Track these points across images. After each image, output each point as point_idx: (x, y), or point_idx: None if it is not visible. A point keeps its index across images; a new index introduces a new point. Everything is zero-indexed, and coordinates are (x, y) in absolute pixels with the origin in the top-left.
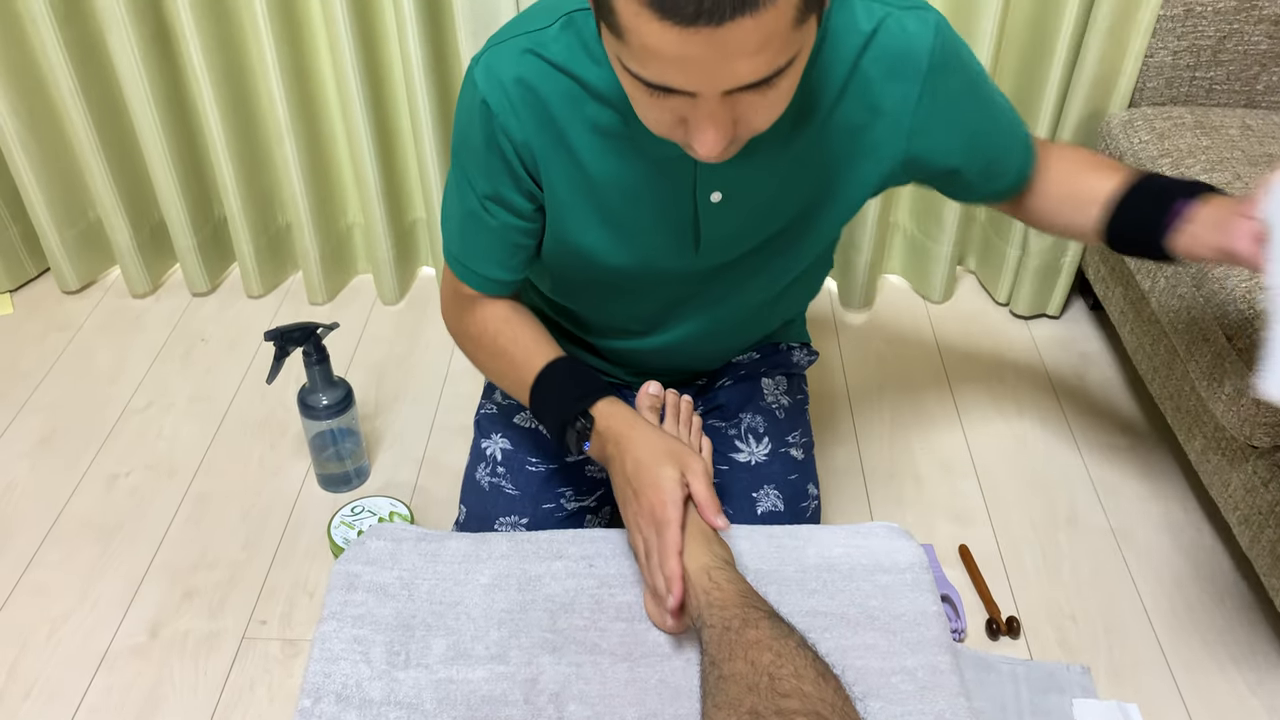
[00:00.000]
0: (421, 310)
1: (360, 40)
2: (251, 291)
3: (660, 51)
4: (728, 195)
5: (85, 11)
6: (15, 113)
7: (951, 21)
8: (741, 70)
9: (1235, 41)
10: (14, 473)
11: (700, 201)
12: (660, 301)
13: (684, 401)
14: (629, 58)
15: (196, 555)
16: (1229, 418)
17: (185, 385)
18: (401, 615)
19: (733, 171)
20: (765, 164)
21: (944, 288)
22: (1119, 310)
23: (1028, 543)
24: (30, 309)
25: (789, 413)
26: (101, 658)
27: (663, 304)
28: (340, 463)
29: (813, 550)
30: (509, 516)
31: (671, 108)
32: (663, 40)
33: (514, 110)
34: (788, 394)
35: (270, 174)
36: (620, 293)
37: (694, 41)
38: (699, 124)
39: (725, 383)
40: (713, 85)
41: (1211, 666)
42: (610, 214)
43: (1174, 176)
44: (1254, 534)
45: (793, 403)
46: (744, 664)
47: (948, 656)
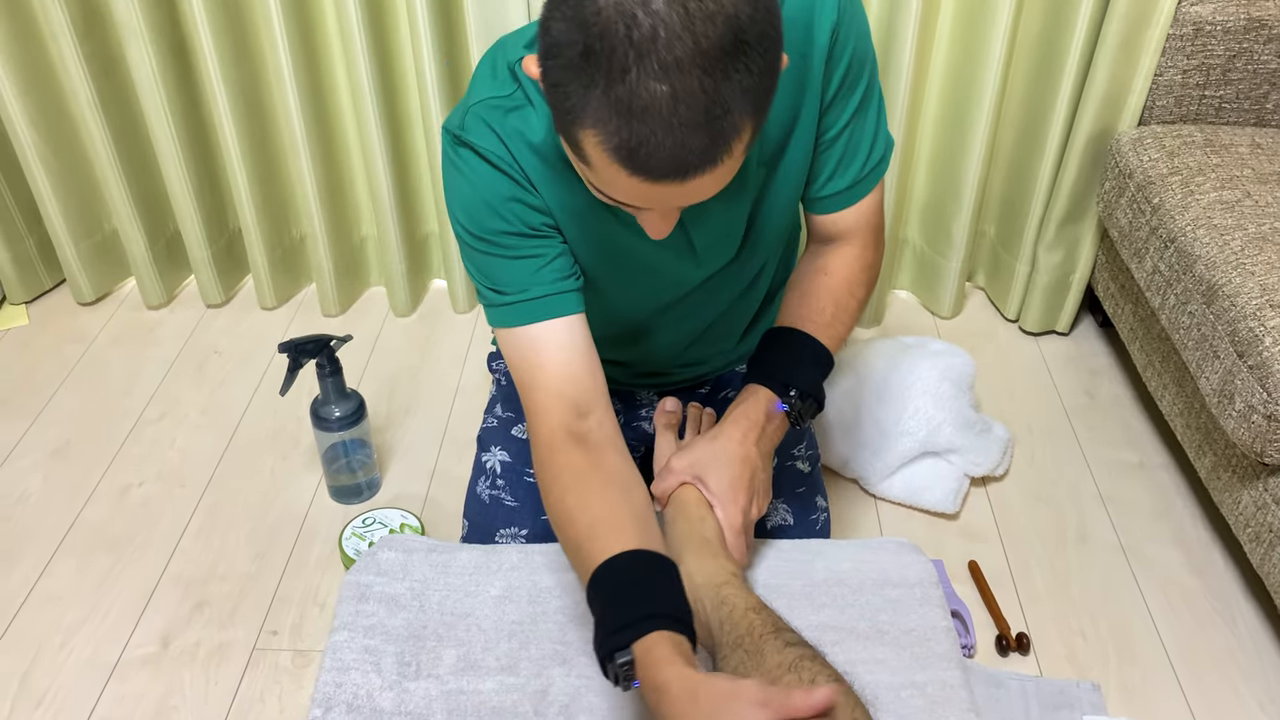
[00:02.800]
0: (433, 323)
1: (375, 55)
2: (265, 303)
3: (624, 189)
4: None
5: (104, 25)
6: (34, 125)
7: (960, 40)
8: (697, 197)
9: (1245, 60)
10: (28, 483)
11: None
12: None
13: (706, 414)
14: (593, 178)
15: (208, 566)
16: (1239, 435)
17: (198, 397)
18: (412, 626)
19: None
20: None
21: (953, 303)
22: (1128, 327)
23: (1037, 559)
24: (45, 320)
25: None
26: (113, 668)
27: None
28: (352, 474)
29: (822, 564)
30: (509, 528)
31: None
32: (628, 185)
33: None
34: None
35: (285, 187)
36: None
37: (658, 189)
38: (650, 222)
39: (729, 394)
40: (673, 204)
41: (1222, 684)
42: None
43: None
44: (1265, 552)
45: None
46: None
47: (957, 672)
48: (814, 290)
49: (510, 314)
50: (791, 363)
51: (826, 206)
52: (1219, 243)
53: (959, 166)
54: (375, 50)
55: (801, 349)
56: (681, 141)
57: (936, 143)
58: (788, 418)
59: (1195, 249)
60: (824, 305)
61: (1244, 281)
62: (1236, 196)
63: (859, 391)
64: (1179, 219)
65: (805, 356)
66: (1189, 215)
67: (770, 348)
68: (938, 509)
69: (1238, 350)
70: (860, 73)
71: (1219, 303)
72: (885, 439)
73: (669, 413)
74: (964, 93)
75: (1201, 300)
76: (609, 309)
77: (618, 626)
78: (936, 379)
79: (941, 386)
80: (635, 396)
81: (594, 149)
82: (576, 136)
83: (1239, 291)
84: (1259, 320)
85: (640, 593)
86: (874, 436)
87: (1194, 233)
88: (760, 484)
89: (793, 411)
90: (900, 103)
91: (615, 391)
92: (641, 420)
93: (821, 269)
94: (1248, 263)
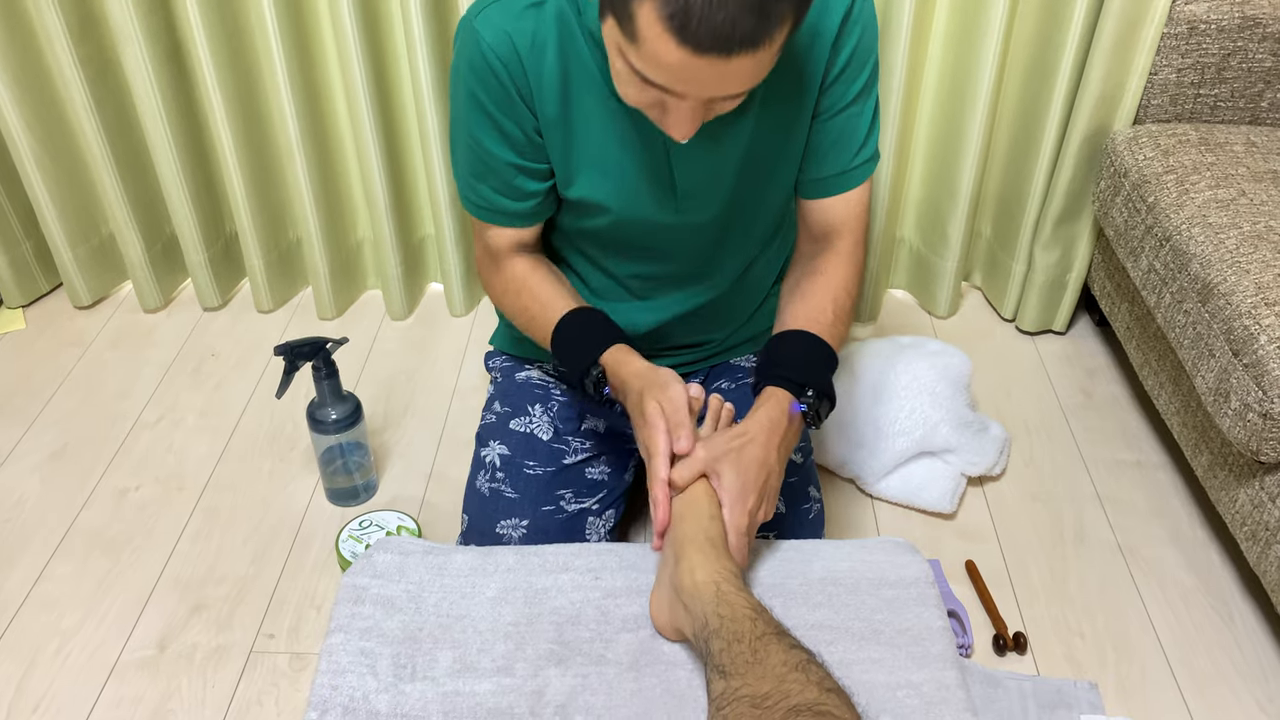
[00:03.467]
0: (430, 325)
1: (370, 58)
2: (261, 306)
3: (668, 64)
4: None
5: (100, 29)
6: (30, 129)
7: (955, 40)
8: (731, 89)
9: (1239, 59)
10: (25, 486)
11: (670, 144)
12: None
13: (726, 409)
14: (633, 56)
15: (205, 569)
16: (1235, 433)
17: (195, 400)
18: (408, 628)
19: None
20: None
21: (949, 303)
22: (1125, 326)
23: (1034, 558)
24: (43, 324)
25: None
26: (110, 671)
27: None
28: (348, 477)
29: (818, 564)
30: (509, 519)
31: (655, 95)
32: (673, 57)
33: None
34: None
35: (281, 190)
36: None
37: (700, 64)
38: (678, 117)
39: (723, 384)
40: (703, 95)
41: (1219, 682)
42: (597, 157)
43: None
44: (1261, 550)
45: None
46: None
47: (954, 672)
48: (813, 291)
49: (478, 213)
50: (805, 364)
51: (818, 190)
52: (1214, 241)
53: (955, 166)
54: (370, 54)
55: (812, 350)
56: (733, 16)
57: (932, 142)
58: (804, 418)
59: (1190, 247)
60: (824, 306)
61: (1239, 280)
62: (1231, 195)
63: (856, 391)
64: (1174, 217)
65: (816, 357)
66: (1184, 214)
67: (781, 349)
68: (935, 509)
69: (1233, 349)
70: (864, 63)
71: (1214, 301)
72: (882, 439)
73: (693, 398)
74: (959, 92)
75: (1197, 299)
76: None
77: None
78: (933, 379)
79: (938, 386)
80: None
81: (647, 17)
82: (631, 7)
83: (1234, 290)
84: (1254, 318)
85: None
86: (871, 436)
87: (1189, 231)
88: (771, 488)
89: (810, 412)
90: (895, 102)
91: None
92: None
93: (817, 270)
94: (1243, 261)
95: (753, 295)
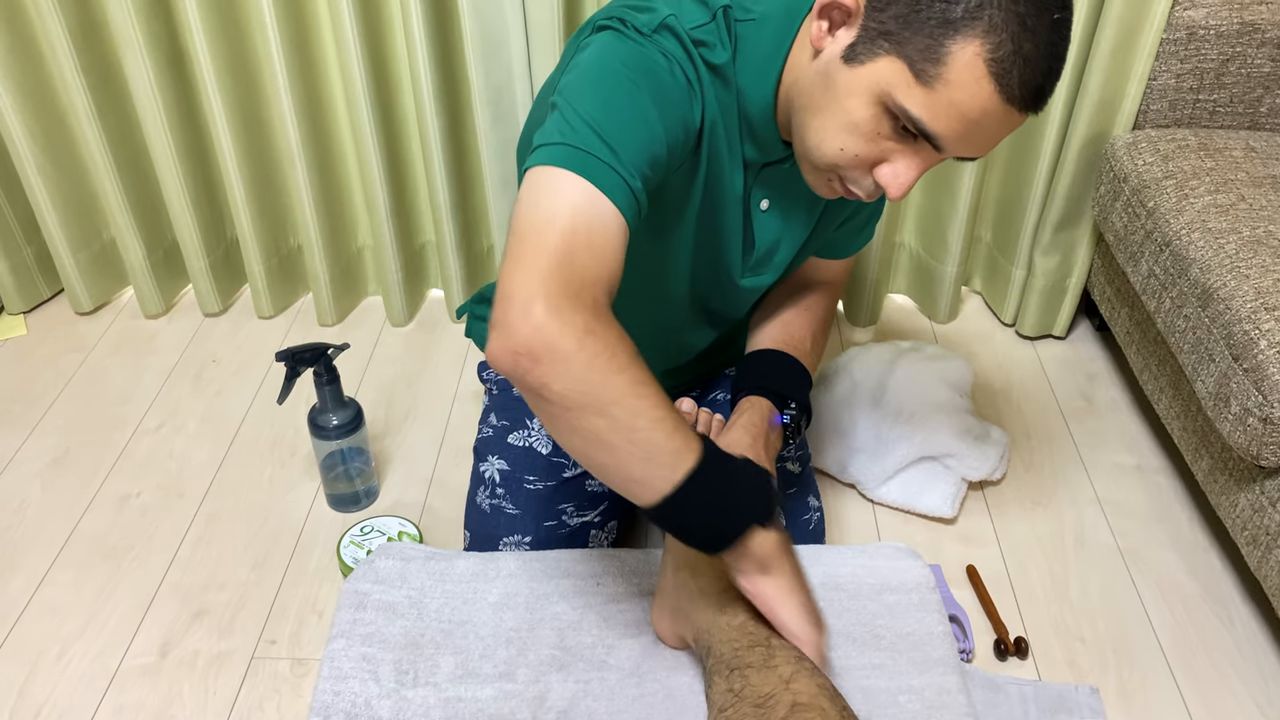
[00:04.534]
0: (431, 332)
1: (371, 64)
2: (262, 312)
3: (969, 110)
4: (773, 202)
5: (102, 36)
6: (31, 135)
7: None
8: (991, 145)
9: (1238, 65)
10: (26, 493)
11: (753, 208)
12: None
13: (716, 420)
14: (917, 98)
15: (206, 575)
16: (1236, 438)
17: (196, 406)
18: (410, 634)
19: (778, 179)
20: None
21: (949, 308)
22: (1125, 331)
23: (1035, 563)
24: (44, 330)
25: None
26: (111, 678)
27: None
28: (350, 482)
29: (820, 569)
30: (512, 536)
31: (885, 149)
32: (984, 102)
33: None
34: None
35: (281, 196)
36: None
37: (1003, 115)
38: (909, 169)
39: (718, 395)
40: (974, 151)
41: (1221, 687)
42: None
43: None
44: (1262, 554)
45: None
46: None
47: (955, 677)
48: (795, 322)
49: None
50: (786, 379)
51: (833, 253)
52: (1214, 246)
53: (954, 171)
54: (371, 60)
55: (791, 369)
56: (1050, 69)
57: None
58: (784, 430)
59: (1190, 252)
60: (804, 336)
61: (1239, 285)
62: (1231, 200)
63: (856, 396)
64: (1174, 223)
65: (798, 375)
66: (1184, 219)
67: (761, 364)
68: (935, 514)
69: (1233, 353)
70: None
71: (1214, 306)
72: (882, 444)
73: (685, 413)
74: None
75: (1197, 304)
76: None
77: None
78: (933, 384)
79: (938, 391)
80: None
81: (969, 58)
82: (947, 47)
83: (1234, 295)
84: (1254, 323)
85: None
86: (871, 441)
87: (1189, 236)
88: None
89: (791, 424)
90: None
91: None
92: None
93: (804, 307)
94: (1242, 266)
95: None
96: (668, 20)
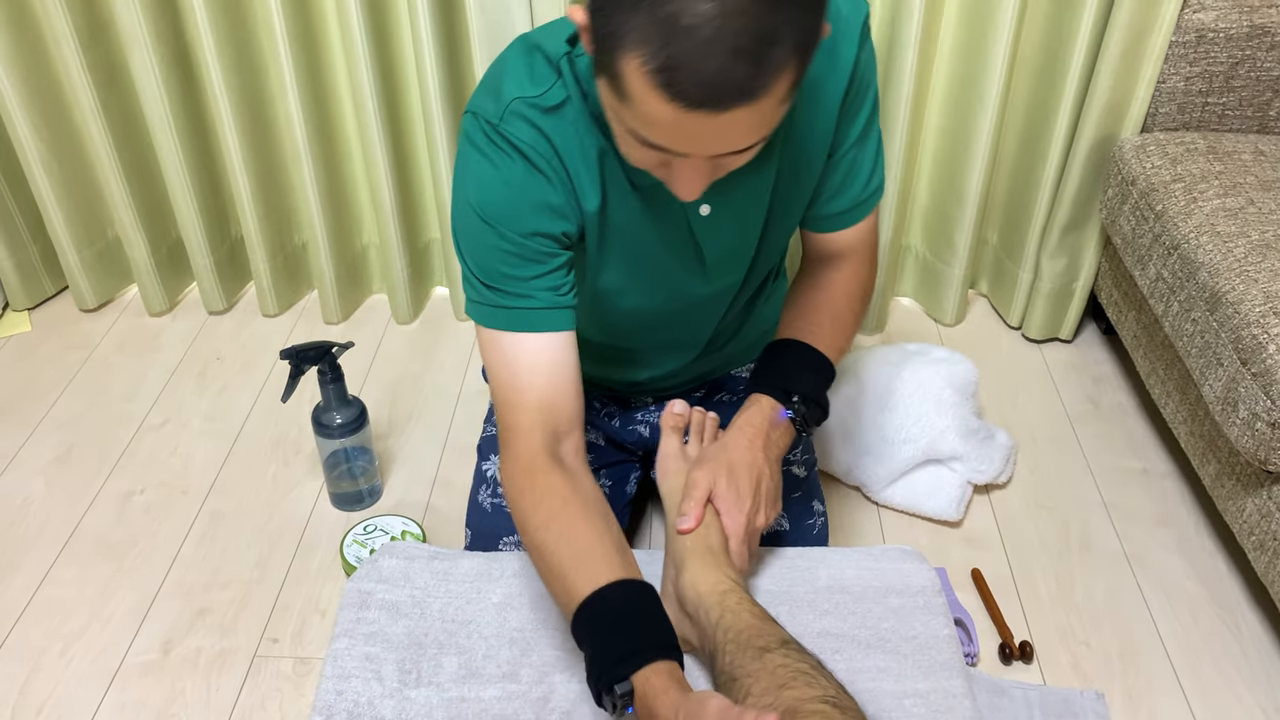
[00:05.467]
0: (435, 330)
1: (377, 62)
2: (267, 310)
3: (660, 122)
4: (714, 206)
5: (108, 34)
6: (37, 132)
7: (963, 49)
8: (731, 144)
9: (1247, 68)
10: (30, 489)
11: (692, 218)
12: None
13: (709, 419)
14: (629, 118)
15: (209, 573)
16: (1243, 442)
17: (200, 403)
18: (413, 633)
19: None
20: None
21: (956, 311)
22: (1132, 334)
23: (1041, 567)
24: (48, 327)
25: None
26: (114, 675)
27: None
28: (353, 481)
29: (825, 572)
30: (512, 535)
31: (658, 156)
32: (666, 115)
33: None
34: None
35: (287, 194)
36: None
37: (694, 121)
38: (683, 175)
39: (724, 397)
40: (704, 153)
41: (1226, 692)
42: (626, 252)
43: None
44: (1269, 560)
45: None
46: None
47: (960, 681)
48: (811, 305)
49: (505, 317)
50: (792, 370)
51: (826, 226)
52: (1222, 250)
53: (962, 174)
54: (377, 57)
55: (801, 357)
56: (723, 66)
57: (939, 150)
58: (793, 424)
59: (1198, 256)
60: (821, 319)
61: (1247, 289)
62: (1239, 204)
63: (861, 399)
64: (1182, 226)
65: (805, 364)
66: (1192, 222)
67: (770, 358)
68: (940, 516)
69: (1241, 358)
70: (866, 97)
71: (1222, 310)
72: (888, 446)
73: (677, 414)
74: (967, 100)
75: (1205, 308)
76: (612, 318)
77: (616, 659)
78: (939, 386)
79: (944, 394)
80: (630, 401)
81: (634, 74)
82: (618, 66)
83: (1242, 299)
84: (1262, 328)
85: (633, 625)
86: (876, 444)
87: (1197, 240)
88: (767, 491)
89: (797, 417)
90: (903, 111)
91: (611, 395)
92: (636, 424)
93: (818, 285)
94: (1251, 270)
95: (754, 327)
96: (513, 105)
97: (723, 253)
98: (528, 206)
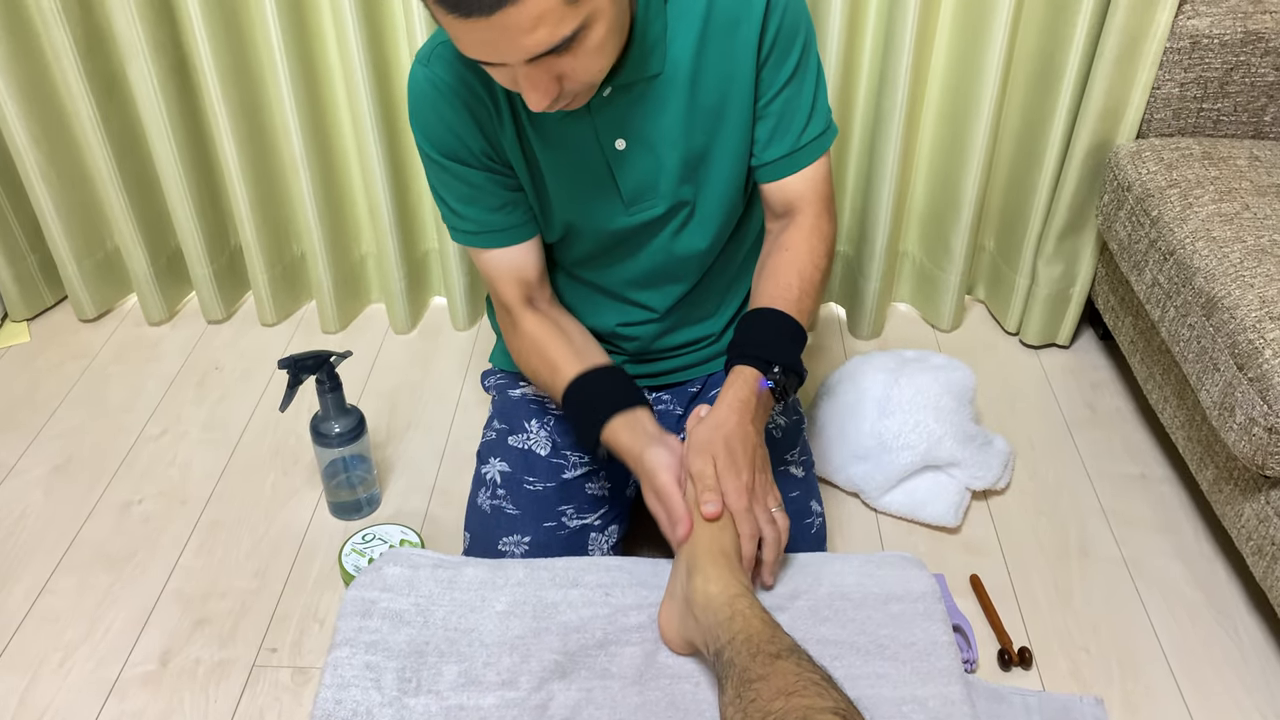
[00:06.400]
0: (433, 340)
1: (374, 73)
2: (265, 320)
3: (459, 37)
4: (630, 139)
5: (106, 44)
6: (36, 143)
7: (958, 53)
8: (527, 44)
9: (1242, 74)
10: (28, 500)
11: (607, 151)
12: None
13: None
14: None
15: (208, 583)
16: (1240, 447)
17: (199, 413)
18: (415, 642)
19: (621, 115)
20: (655, 102)
21: (953, 317)
22: (1129, 340)
23: (1039, 573)
24: (47, 337)
25: (786, 432)
26: (112, 686)
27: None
28: (352, 490)
29: (825, 578)
30: (511, 536)
31: (500, 73)
32: (456, 28)
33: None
34: (783, 414)
35: (285, 204)
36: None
37: (477, 28)
38: (521, 86)
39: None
40: (510, 57)
41: (1226, 698)
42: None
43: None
44: (1268, 564)
45: (789, 423)
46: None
47: (960, 687)
48: (778, 268)
49: (472, 239)
50: (769, 340)
51: (770, 173)
52: (1218, 255)
53: (958, 179)
54: (374, 68)
55: (776, 326)
56: None
57: (935, 156)
58: (772, 394)
59: (1194, 261)
60: (790, 281)
61: (1243, 294)
62: (1235, 209)
63: (859, 405)
64: (1178, 231)
65: (782, 332)
66: (1188, 228)
67: (746, 329)
68: (939, 523)
69: (1238, 363)
70: (793, 41)
71: (1218, 315)
72: (886, 452)
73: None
74: (962, 106)
75: (1201, 313)
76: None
77: (589, 425)
78: (937, 393)
79: (942, 400)
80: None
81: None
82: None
83: (1238, 304)
84: (1259, 332)
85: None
86: (874, 450)
87: (1193, 245)
88: (760, 459)
89: (777, 387)
90: (898, 116)
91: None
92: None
93: (782, 246)
94: (1247, 275)
95: (731, 283)
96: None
97: (638, 185)
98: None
